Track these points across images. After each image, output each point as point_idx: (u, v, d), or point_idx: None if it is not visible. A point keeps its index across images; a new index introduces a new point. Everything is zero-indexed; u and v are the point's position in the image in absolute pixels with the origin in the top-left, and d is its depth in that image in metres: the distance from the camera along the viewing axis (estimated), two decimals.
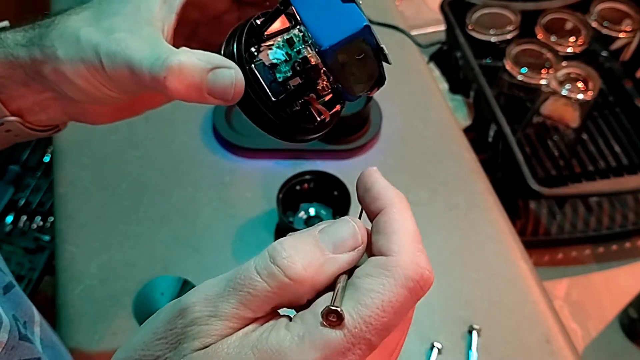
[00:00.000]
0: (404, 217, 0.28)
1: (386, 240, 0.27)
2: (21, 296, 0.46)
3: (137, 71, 0.34)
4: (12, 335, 0.40)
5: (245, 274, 0.27)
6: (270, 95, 0.35)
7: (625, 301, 0.75)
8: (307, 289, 0.27)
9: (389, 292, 0.26)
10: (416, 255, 0.27)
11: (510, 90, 0.87)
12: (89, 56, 0.35)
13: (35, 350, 0.43)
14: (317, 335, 0.25)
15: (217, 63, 0.34)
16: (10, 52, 0.37)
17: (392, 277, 0.26)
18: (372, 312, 0.25)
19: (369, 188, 0.29)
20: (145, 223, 0.69)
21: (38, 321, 0.48)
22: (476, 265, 0.67)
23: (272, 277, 0.26)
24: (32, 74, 0.37)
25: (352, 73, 0.34)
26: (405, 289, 0.26)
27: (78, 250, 0.67)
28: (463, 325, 0.63)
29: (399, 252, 0.27)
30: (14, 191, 0.94)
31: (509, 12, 0.91)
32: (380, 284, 0.26)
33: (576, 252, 0.82)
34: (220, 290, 0.27)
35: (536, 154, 0.85)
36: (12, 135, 0.40)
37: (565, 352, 0.61)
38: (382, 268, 0.26)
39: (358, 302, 0.25)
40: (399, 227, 0.28)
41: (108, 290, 0.64)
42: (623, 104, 0.92)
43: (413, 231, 0.28)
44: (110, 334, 0.61)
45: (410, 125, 0.79)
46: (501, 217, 0.71)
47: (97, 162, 0.74)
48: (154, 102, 0.44)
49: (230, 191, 0.73)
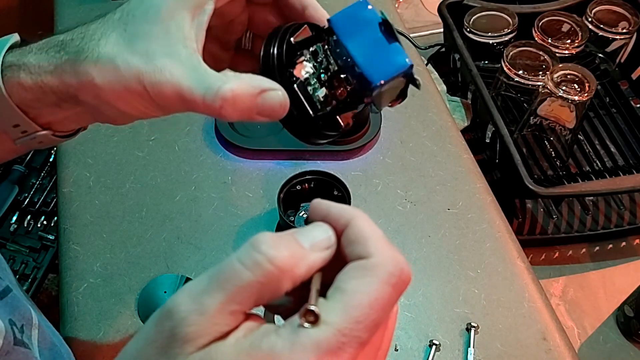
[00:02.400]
0: (371, 225, 0.29)
1: (362, 246, 0.28)
2: (19, 300, 0.46)
3: (188, 98, 0.35)
4: (7, 340, 0.40)
5: (229, 267, 0.27)
6: (310, 110, 0.38)
7: (621, 299, 0.76)
8: (288, 281, 0.27)
9: (374, 290, 0.27)
10: (393, 252, 0.28)
11: (508, 92, 0.87)
12: (132, 84, 0.35)
13: (31, 355, 0.43)
14: (307, 339, 0.25)
15: (266, 87, 0.36)
16: (39, 78, 0.37)
17: (375, 276, 0.27)
18: (361, 312, 0.26)
19: (327, 213, 0.30)
20: (148, 222, 0.70)
21: (36, 324, 0.47)
22: (474, 264, 0.68)
23: (257, 266, 0.27)
24: (66, 97, 0.37)
25: (386, 98, 0.38)
26: (389, 285, 0.27)
27: (82, 249, 0.68)
28: (461, 322, 0.63)
29: (377, 253, 0.28)
30: (19, 191, 0.95)
31: (506, 14, 0.91)
32: (365, 284, 0.27)
33: (572, 251, 0.82)
34: (204, 287, 0.27)
35: (533, 154, 0.85)
36: (36, 142, 0.41)
37: (561, 349, 0.62)
38: (364, 269, 0.27)
39: (346, 304, 0.26)
40: (370, 233, 0.29)
41: (111, 288, 0.65)
42: (619, 105, 0.92)
43: (383, 235, 0.29)
44: (113, 332, 0.62)
45: (409, 126, 0.80)
46: (498, 217, 0.72)
47: (101, 162, 0.75)
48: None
49: (232, 191, 0.73)
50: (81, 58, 0.36)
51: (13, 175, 0.95)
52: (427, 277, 0.67)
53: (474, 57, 0.87)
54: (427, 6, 1.08)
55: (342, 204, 0.30)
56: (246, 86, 0.35)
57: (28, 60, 0.37)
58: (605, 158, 0.87)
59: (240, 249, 0.28)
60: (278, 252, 0.27)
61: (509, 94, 0.87)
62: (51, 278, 0.89)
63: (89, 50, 0.36)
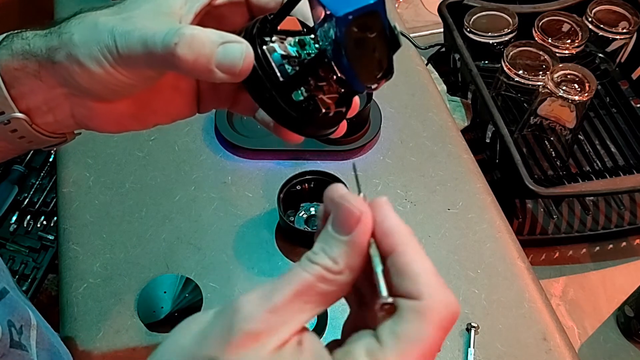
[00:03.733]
0: (422, 256, 0.29)
1: (413, 283, 0.28)
2: (17, 301, 0.46)
3: (150, 45, 0.34)
4: (3, 343, 0.40)
5: (294, 271, 0.28)
6: (279, 75, 0.36)
7: (621, 299, 0.76)
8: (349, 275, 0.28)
9: (428, 337, 0.27)
10: (446, 294, 0.28)
11: (508, 92, 0.87)
12: (104, 37, 0.35)
13: (27, 357, 0.43)
14: None
15: (229, 39, 0.34)
16: (27, 42, 0.38)
17: (430, 323, 0.27)
18: (417, 359, 0.26)
19: (379, 221, 0.29)
20: (148, 222, 0.70)
21: (34, 324, 0.48)
22: (474, 264, 0.68)
23: (317, 264, 0.28)
24: (45, 62, 0.37)
25: (362, 56, 0.34)
26: (442, 331, 0.27)
27: (81, 249, 0.67)
28: (461, 323, 0.63)
29: (431, 295, 0.27)
30: (18, 191, 0.95)
31: (507, 14, 0.91)
32: (420, 331, 0.27)
33: (573, 251, 0.82)
34: (273, 286, 0.28)
35: (533, 154, 0.85)
36: (17, 137, 0.40)
37: (562, 349, 0.62)
38: (418, 313, 0.27)
39: (402, 353, 0.26)
40: (421, 268, 0.28)
41: (111, 288, 0.65)
42: (619, 105, 0.92)
43: (433, 270, 0.28)
44: (113, 332, 0.62)
45: (409, 126, 0.80)
46: (499, 217, 0.72)
47: (101, 162, 0.75)
48: (162, 112, 0.43)
49: (231, 191, 0.73)
50: (70, 21, 0.37)
51: (13, 175, 0.95)
52: None
53: (474, 57, 0.87)
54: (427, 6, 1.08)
55: (400, 220, 0.30)
56: (209, 33, 0.34)
57: (26, 31, 0.39)
58: (605, 158, 0.87)
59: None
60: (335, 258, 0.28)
61: (509, 93, 0.87)
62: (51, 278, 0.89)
63: (80, 16, 0.37)
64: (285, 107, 0.36)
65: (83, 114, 0.40)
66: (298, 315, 0.28)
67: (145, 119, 0.42)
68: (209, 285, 0.65)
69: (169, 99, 0.42)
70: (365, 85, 0.35)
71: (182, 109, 0.43)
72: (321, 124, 0.38)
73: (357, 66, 0.34)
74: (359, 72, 0.34)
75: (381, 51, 0.34)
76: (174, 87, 0.42)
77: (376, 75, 0.35)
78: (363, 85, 0.35)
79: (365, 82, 0.35)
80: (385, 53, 0.35)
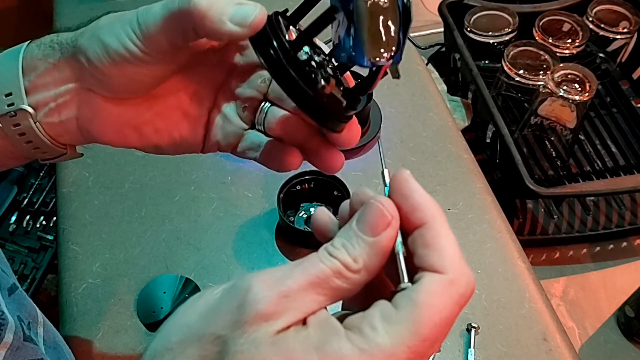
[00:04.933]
0: (448, 230, 0.29)
1: (439, 257, 0.28)
2: (25, 297, 0.47)
3: (170, 5, 0.35)
4: (17, 336, 0.40)
5: (311, 261, 0.28)
6: (286, 35, 0.36)
7: (621, 300, 0.76)
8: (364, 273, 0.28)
9: (445, 309, 0.27)
10: (467, 271, 0.28)
11: (508, 91, 0.87)
12: (128, 16, 0.36)
13: (39, 351, 0.43)
14: (377, 350, 0.26)
15: (244, 1, 0.35)
16: (57, 35, 0.39)
17: (450, 297, 0.27)
18: (430, 330, 0.26)
19: (407, 195, 0.29)
20: (147, 222, 0.70)
21: (41, 322, 0.48)
22: (474, 264, 0.68)
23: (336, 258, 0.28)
24: (67, 50, 0.38)
25: (372, 23, 0.33)
26: (458, 306, 0.27)
27: (81, 249, 0.67)
28: (461, 323, 0.63)
29: (454, 270, 0.27)
30: (18, 191, 0.94)
31: (507, 14, 0.91)
32: (438, 301, 0.27)
33: (573, 251, 0.82)
34: (287, 271, 0.28)
35: (534, 154, 0.85)
36: (18, 133, 0.40)
37: (562, 349, 0.62)
38: (439, 284, 0.27)
39: (418, 319, 0.26)
40: (447, 243, 0.28)
41: (111, 288, 0.65)
42: (620, 104, 0.92)
43: (457, 245, 0.28)
44: (112, 332, 0.62)
45: (409, 126, 0.80)
46: (499, 217, 0.72)
47: (100, 162, 0.75)
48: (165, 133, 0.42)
49: (231, 191, 0.73)
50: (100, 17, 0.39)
51: (12, 176, 0.95)
52: None
53: (474, 56, 0.87)
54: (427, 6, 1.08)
55: (426, 194, 0.29)
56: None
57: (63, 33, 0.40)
58: (606, 158, 0.86)
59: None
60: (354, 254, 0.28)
61: (510, 93, 0.87)
62: (50, 278, 0.89)
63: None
64: (285, 63, 0.35)
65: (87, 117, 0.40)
66: (310, 304, 0.28)
67: (146, 135, 0.41)
68: (209, 285, 0.65)
69: (175, 122, 0.42)
70: (370, 58, 0.33)
71: (186, 136, 0.42)
72: (319, 96, 0.36)
73: (364, 33, 0.33)
74: (365, 40, 0.33)
75: (392, 24, 0.33)
76: (184, 112, 0.42)
77: (383, 50, 0.33)
78: (367, 59, 0.33)
79: (370, 55, 0.33)
80: (396, 28, 0.33)
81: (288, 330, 0.27)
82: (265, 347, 0.26)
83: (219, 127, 0.42)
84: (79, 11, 0.91)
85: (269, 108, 0.41)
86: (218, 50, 0.40)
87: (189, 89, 0.41)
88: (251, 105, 0.42)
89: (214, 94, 0.42)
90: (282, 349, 0.26)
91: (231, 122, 0.42)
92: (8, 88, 0.39)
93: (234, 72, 0.42)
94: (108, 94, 0.39)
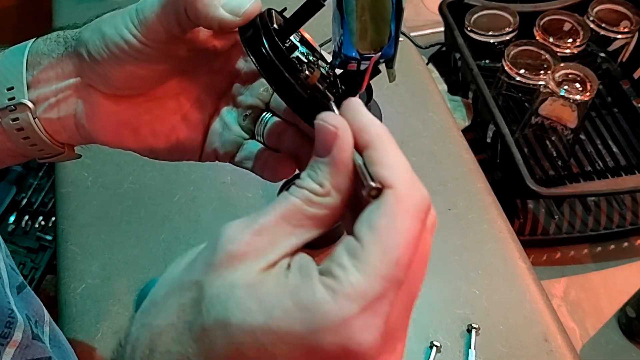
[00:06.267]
0: (397, 149, 0.29)
1: (388, 173, 0.27)
2: (32, 296, 0.47)
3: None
4: (26, 334, 0.40)
5: (281, 197, 0.28)
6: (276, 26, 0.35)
7: (623, 300, 0.75)
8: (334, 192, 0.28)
9: (403, 225, 0.26)
10: (419, 185, 0.28)
11: (509, 91, 0.87)
12: (128, 9, 0.36)
13: (46, 349, 0.43)
14: (351, 290, 0.25)
15: None
16: (64, 31, 0.39)
17: (404, 211, 0.26)
18: (398, 252, 0.25)
19: (352, 118, 0.29)
20: (146, 222, 0.70)
21: (47, 321, 0.48)
22: (475, 265, 0.67)
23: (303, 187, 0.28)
24: (71, 44, 0.38)
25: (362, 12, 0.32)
26: (418, 221, 0.27)
27: (80, 250, 0.67)
28: (462, 324, 0.63)
29: (403, 184, 0.27)
30: (16, 191, 0.94)
31: (508, 13, 0.91)
32: (395, 221, 0.26)
33: (574, 252, 0.82)
34: (259, 213, 0.28)
35: (534, 154, 0.85)
36: (16, 128, 0.39)
37: (563, 350, 0.62)
38: (391, 201, 0.27)
39: (383, 245, 0.26)
40: (395, 160, 0.28)
41: (110, 289, 0.64)
42: (621, 104, 0.92)
43: (407, 164, 0.29)
44: (111, 333, 0.62)
45: (410, 126, 0.80)
46: (500, 217, 0.72)
47: (99, 162, 0.75)
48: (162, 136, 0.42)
49: (231, 191, 0.73)
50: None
51: (11, 176, 0.95)
52: (427, 277, 0.65)
53: (474, 56, 0.87)
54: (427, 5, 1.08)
55: (373, 117, 0.29)
56: None
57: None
58: (607, 158, 0.86)
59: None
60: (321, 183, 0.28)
61: (510, 93, 0.87)
62: (49, 279, 0.89)
63: None
64: (269, 49, 0.33)
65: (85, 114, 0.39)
66: (287, 238, 0.27)
67: (143, 136, 0.41)
68: None
69: (174, 126, 0.41)
70: (358, 49, 0.32)
71: (183, 141, 0.42)
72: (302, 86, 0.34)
73: (352, 24, 0.32)
74: (354, 31, 0.32)
75: (383, 16, 0.32)
76: (183, 116, 0.41)
77: (373, 42, 0.32)
78: (355, 50, 0.32)
79: (359, 46, 0.32)
80: (387, 20, 0.32)
81: (270, 273, 0.26)
82: (241, 291, 0.26)
83: (218, 135, 0.42)
84: (78, 10, 0.91)
85: (270, 118, 0.40)
86: (221, 55, 0.40)
87: (190, 94, 0.41)
88: (252, 115, 0.41)
89: (215, 100, 0.42)
90: (257, 292, 0.26)
91: (231, 130, 0.41)
92: (11, 82, 0.39)
93: (237, 79, 0.41)
94: (107, 90, 0.39)
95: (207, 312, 0.26)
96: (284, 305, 0.25)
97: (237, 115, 0.41)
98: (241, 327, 0.25)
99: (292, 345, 0.25)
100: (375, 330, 0.25)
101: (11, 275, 0.45)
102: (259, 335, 0.25)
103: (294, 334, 0.25)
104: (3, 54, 0.40)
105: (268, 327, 0.25)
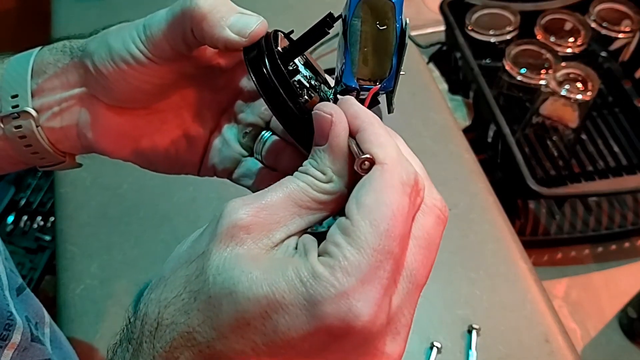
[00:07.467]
0: (385, 133, 0.30)
1: (377, 149, 0.28)
2: (32, 297, 0.47)
3: (174, 9, 0.35)
4: (25, 336, 0.41)
5: (286, 180, 0.30)
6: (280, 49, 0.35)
7: (624, 301, 0.75)
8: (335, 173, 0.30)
9: (391, 199, 0.27)
10: (405, 161, 0.29)
11: (510, 91, 0.87)
12: (135, 24, 0.37)
13: (46, 351, 0.43)
14: (346, 264, 0.26)
15: (247, 12, 0.35)
16: (70, 41, 0.40)
17: (390, 186, 0.27)
18: (388, 224, 0.26)
19: (346, 109, 0.31)
20: (146, 223, 0.70)
21: (48, 322, 0.48)
22: (476, 265, 0.67)
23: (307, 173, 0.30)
24: (77, 54, 0.39)
25: (365, 43, 0.32)
26: (405, 195, 0.28)
27: (79, 250, 0.67)
28: (462, 324, 0.63)
29: (388, 159, 0.28)
30: (15, 191, 0.94)
31: (509, 12, 0.91)
32: (382, 196, 0.27)
33: (575, 252, 0.82)
34: (265, 190, 0.29)
35: (535, 154, 0.85)
36: (18, 136, 0.40)
37: (564, 351, 0.62)
38: (379, 178, 0.28)
39: (373, 219, 0.26)
40: (383, 139, 0.29)
41: (109, 290, 0.64)
42: (622, 104, 0.92)
43: (396, 144, 0.30)
44: (110, 333, 0.61)
45: (410, 126, 0.79)
46: (500, 217, 0.71)
47: (98, 162, 0.73)
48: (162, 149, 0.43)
49: (230, 191, 0.72)
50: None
51: (10, 176, 0.95)
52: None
53: (475, 55, 0.87)
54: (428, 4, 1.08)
55: (365, 108, 0.31)
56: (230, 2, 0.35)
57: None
58: (608, 158, 0.86)
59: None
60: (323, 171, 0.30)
61: (511, 93, 0.87)
62: (48, 279, 0.89)
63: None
64: (270, 71, 0.34)
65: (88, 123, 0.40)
66: (292, 218, 0.29)
67: (143, 148, 0.42)
68: None
69: (174, 139, 0.42)
70: (358, 79, 0.33)
71: (182, 155, 0.42)
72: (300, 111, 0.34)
73: (355, 54, 0.32)
74: (355, 61, 0.33)
75: (386, 49, 0.32)
76: (184, 131, 0.42)
77: (373, 73, 0.33)
78: (355, 80, 0.33)
79: (359, 76, 0.33)
80: (390, 53, 0.32)
81: (277, 248, 0.28)
82: (247, 260, 0.27)
83: (217, 151, 0.42)
84: (76, 11, 0.90)
85: (269, 137, 0.41)
86: (225, 72, 0.40)
87: (192, 108, 0.41)
88: (252, 132, 0.41)
89: (217, 117, 0.42)
90: (263, 264, 0.27)
91: (230, 146, 0.42)
92: (15, 90, 0.39)
93: (239, 97, 0.42)
94: (111, 102, 0.39)
95: (213, 280, 0.27)
96: (289, 278, 0.26)
97: (237, 132, 0.42)
98: (246, 295, 0.26)
99: (295, 316, 0.26)
100: (372, 301, 0.26)
101: (10, 277, 0.45)
102: (264, 305, 0.26)
103: (297, 304, 0.26)
104: (9, 62, 0.40)
105: (273, 296, 0.26)
